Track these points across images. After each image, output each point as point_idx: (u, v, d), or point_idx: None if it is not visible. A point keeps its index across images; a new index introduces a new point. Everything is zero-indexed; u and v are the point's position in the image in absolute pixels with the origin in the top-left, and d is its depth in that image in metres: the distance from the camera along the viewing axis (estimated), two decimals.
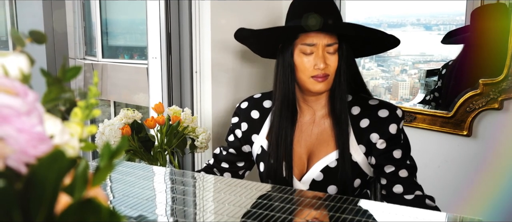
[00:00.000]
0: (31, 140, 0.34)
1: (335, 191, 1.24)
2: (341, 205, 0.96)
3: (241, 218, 0.90)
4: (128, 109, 1.60)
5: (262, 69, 2.05)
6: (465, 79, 1.75)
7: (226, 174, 1.42)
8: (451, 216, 0.91)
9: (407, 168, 1.24)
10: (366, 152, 1.24)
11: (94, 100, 0.42)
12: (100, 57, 4.54)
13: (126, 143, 0.37)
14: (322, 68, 1.19)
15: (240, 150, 1.39)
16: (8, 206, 0.31)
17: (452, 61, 1.83)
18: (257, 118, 1.35)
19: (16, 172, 0.33)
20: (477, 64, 1.72)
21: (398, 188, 1.23)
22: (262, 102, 1.36)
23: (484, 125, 1.68)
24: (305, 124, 1.30)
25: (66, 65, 0.42)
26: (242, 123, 1.36)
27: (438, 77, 1.86)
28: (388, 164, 1.23)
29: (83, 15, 4.51)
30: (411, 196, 1.22)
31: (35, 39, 0.43)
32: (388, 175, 1.24)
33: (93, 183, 0.36)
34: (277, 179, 1.27)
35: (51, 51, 2.54)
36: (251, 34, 1.35)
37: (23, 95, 0.34)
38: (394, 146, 1.23)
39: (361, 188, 1.29)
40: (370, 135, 1.23)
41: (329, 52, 1.22)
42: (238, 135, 1.38)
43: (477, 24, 1.71)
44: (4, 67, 0.37)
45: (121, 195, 1.03)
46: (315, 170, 1.25)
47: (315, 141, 1.28)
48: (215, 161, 1.44)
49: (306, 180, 1.26)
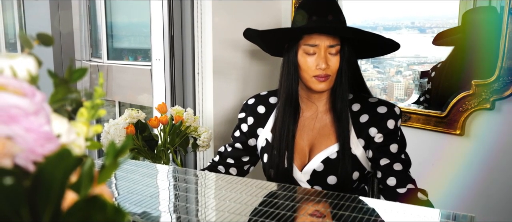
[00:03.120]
0: (39, 139, 0.34)
1: (334, 181, 1.26)
2: (338, 202, 0.96)
3: (242, 214, 0.90)
4: (133, 110, 1.60)
5: (262, 70, 2.05)
6: (457, 81, 1.75)
7: (232, 169, 1.43)
8: (445, 213, 0.90)
9: (402, 162, 1.25)
10: (365, 146, 1.26)
11: (99, 101, 0.41)
12: (105, 59, 4.53)
13: (130, 142, 0.37)
14: (324, 69, 1.22)
15: (246, 144, 1.41)
16: (16, 203, 0.31)
17: (441, 64, 1.83)
18: (263, 112, 1.38)
19: (24, 170, 0.33)
20: (468, 66, 1.72)
21: (392, 180, 1.24)
22: (268, 98, 1.40)
23: (476, 125, 1.68)
24: (308, 118, 1.33)
25: (72, 66, 0.42)
26: (248, 117, 1.39)
27: (427, 80, 1.87)
28: (384, 157, 1.25)
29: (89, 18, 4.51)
30: (403, 190, 1.23)
31: (43, 42, 0.43)
32: (383, 168, 1.26)
33: (98, 181, 0.36)
34: (279, 169, 1.29)
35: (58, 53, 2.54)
36: (257, 35, 1.38)
37: (31, 96, 0.34)
38: (391, 140, 1.25)
39: (359, 182, 1.31)
40: (369, 129, 1.25)
41: (331, 53, 1.24)
42: (244, 129, 1.40)
43: (468, 26, 1.71)
44: (12, 69, 0.37)
45: (125, 192, 1.03)
46: (316, 161, 1.27)
47: (317, 134, 1.31)
48: (221, 157, 1.44)
49: (307, 170, 1.28)
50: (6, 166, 0.32)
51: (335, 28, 1.24)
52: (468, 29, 1.71)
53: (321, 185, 1.29)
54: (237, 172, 1.43)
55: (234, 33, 1.90)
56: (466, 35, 1.72)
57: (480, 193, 1.71)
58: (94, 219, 0.33)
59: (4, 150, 0.32)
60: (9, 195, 0.31)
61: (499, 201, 1.67)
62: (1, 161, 0.32)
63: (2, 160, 0.32)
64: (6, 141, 0.32)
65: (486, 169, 1.68)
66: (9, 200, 0.31)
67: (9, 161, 0.33)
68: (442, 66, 1.82)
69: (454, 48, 1.79)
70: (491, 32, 1.64)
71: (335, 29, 1.24)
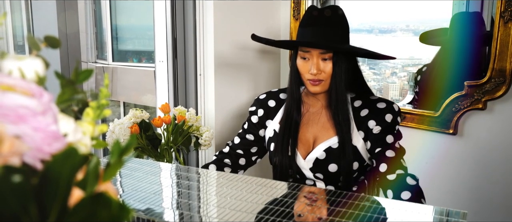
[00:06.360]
0: (46, 138, 0.34)
1: (335, 169, 1.31)
2: (336, 198, 0.96)
3: (243, 211, 0.90)
4: (137, 110, 1.60)
5: (263, 72, 2.05)
6: (443, 82, 1.75)
7: (241, 160, 1.46)
8: (438, 209, 0.90)
9: (394, 150, 1.28)
10: (364, 138, 1.31)
11: (105, 101, 0.42)
12: (110, 60, 4.53)
13: (134, 141, 0.37)
14: (315, 74, 1.28)
15: (255, 135, 1.45)
16: (24, 199, 0.31)
17: (426, 67, 1.83)
18: (273, 106, 1.44)
19: (32, 168, 0.33)
20: (454, 68, 1.72)
21: (383, 167, 1.26)
22: (278, 94, 1.46)
23: (469, 124, 1.68)
24: (313, 113, 1.39)
25: (78, 68, 0.42)
26: (259, 110, 1.45)
27: (414, 82, 1.87)
28: (379, 147, 1.28)
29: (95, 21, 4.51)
30: (393, 176, 1.23)
31: (50, 44, 0.43)
32: (376, 155, 1.28)
33: (104, 178, 0.36)
34: (284, 157, 1.35)
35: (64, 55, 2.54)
36: (263, 41, 1.47)
37: (38, 96, 0.35)
38: (387, 132, 1.29)
39: (359, 173, 1.34)
40: (368, 122, 1.30)
41: (324, 59, 1.29)
42: (254, 120, 1.45)
43: (458, 28, 1.71)
44: (21, 70, 0.37)
45: (130, 189, 1.03)
46: (318, 150, 1.32)
47: (321, 127, 1.36)
48: (231, 148, 1.47)
49: (310, 158, 1.33)
50: (15, 164, 0.32)
51: (317, 44, 1.27)
52: (458, 31, 1.71)
53: (322, 173, 1.32)
54: (245, 162, 1.46)
55: (235, 36, 1.90)
56: (453, 37, 1.72)
57: (472, 190, 1.71)
58: (100, 216, 0.33)
59: (12, 148, 0.32)
60: (17, 192, 0.31)
61: (491, 198, 1.67)
62: (10, 159, 0.32)
63: (11, 158, 0.32)
64: (15, 140, 0.32)
65: (479, 167, 1.68)
66: (18, 196, 0.31)
67: (17, 159, 0.33)
68: (429, 69, 1.82)
69: (439, 50, 1.79)
70: (478, 36, 1.65)
71: (316, 45, 1.27)
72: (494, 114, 1.62)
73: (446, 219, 0.86)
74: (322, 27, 1.27)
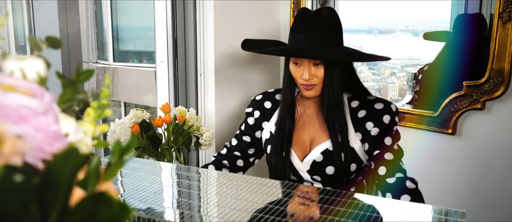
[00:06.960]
0: (48, 138, 0.34)
1: (332, 172, 1.29)
2: (334, 198, 0.96)
3: (243, 210, 0.90)
4: (138, 110, 1.60)
5: (262, 72, 2.05)
6: (444, 82, 1.75)
7: (239, 161, 1.45)
8: (437, 208, 0.90)
9: (392, 152, 1.26)
10: (362, 139, 1.29)
11: (106, 101, 0.42)
12: (111, 61, 4.54)
13: (135, 141, 0.37)
14: (307, 79, 1.26)
15: (252, 137, 1.44)
16: (26, 199, 0.31)
17: (428, 66, 1.83)
18: (269, 107, 1.42)
19: (33, 167, 0.33)
20: (455, 68, 1.72)
21: (382, 170, 1.25)
22: (274, 95, 1.44)
23: (467, 124, 1.68)
24: (309, 115, 1.37)
25: (80, 68, 0.42)
26: (255, 111, 1.43)
27: (415, 82, 1.87)
28: (377, 149, 1.27)
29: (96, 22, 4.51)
30: (392, 179, 1.23)
31: (51, 45, 0.43)
32: (374, 158, 1.27)
33: (105, 178, 0.36)
34: (279, 160, 1.34)
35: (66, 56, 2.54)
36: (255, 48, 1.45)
37: (40, 97, 0.35)
38: (385, 134, 1.27)
39: (357, 174, 1.32)
40: (366, 123, 1.28)
41: (316, 64, 1.26)
42: (251, 122, 1.44)
43: (459, 30, 1.71)
44: (22, 70, 0.37)
45: (131, 189, 1.03)
46: (316, 152, 1.31)
47: (317, 129, 1.34)
48: (228, 150, 1.46)
49: (307, 160, 1.32)
50: (16, 163, 0.32)
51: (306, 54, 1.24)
52: (460, 32, 1.71)
53: (320, 175, 1.31)
54: (243, 163, 1.45)
55: (235, 36, 1.90)
56: (455, 38, 1.72)
57: (471, 190, 1.71)
58: (101, 215, 0.33)
59: (14, 148, 0.32)
60: (19, 192, 0.31)
61: (489, 197, 1.67)
62: (12, 159, 0.32)
63: (12, 158, 0.32)
64: (16, 139, 0.32)
65: (477, 167, 1.68)
66: (19, 196, 0.31)
67: (19, 159, 0.33)
68: (430, 68, 1.82)
69: (441, 50, 1.79)
70: (479, 36, 1.65)
71: (305, 55, 1.25)
72: (493, 113, 1.62)
73: (445, 219, 0.86)
74: (312, 32, 1.24)
